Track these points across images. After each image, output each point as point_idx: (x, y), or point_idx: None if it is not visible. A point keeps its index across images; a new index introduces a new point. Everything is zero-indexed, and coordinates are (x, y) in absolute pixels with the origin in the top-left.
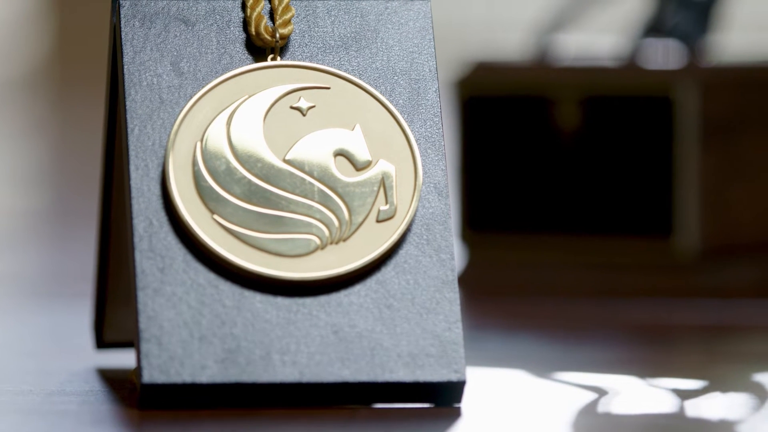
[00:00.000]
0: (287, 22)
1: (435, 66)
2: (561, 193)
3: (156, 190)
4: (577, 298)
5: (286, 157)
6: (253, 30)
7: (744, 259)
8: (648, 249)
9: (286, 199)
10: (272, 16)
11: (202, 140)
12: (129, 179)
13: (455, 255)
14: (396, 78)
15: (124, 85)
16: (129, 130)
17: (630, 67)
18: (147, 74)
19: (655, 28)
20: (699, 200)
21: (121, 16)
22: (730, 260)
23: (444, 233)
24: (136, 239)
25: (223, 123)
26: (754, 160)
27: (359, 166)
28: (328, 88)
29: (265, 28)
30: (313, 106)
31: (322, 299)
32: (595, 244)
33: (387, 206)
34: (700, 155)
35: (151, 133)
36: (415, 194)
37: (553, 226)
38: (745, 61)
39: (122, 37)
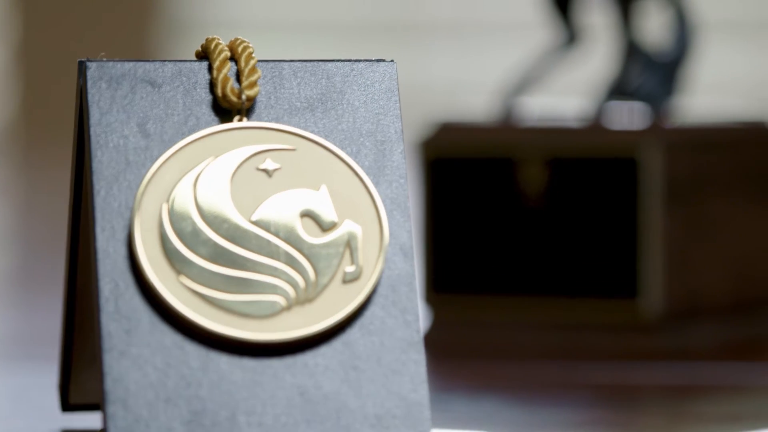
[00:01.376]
0: (253, 84)
1: (401, 127)
2: (526, 255)
3: (122, 251)
4: (542, 360)
5: (252, 218)
6: (219, 92)
7: (708, 320)
8: (612, 310)
9: (252, 260)
10: (238, 78)
11: (168, 201)
12: (95, 241)
13: (420, 316)
14: (362, 139)
15: (90, 147)
16: (95, 191)
17: (595, 128)
18: (113, 136)
19: (619, 89)
20: (663, 261)
21: (88, 77)
22: (693, 322)
23: (409, 294)
24: (102, 301)
25: (190, 184)
26: (717, 221)
27: (325, 227)
28: (294, 150)
29: (232, 89)
30: (279, 168)
31: (288, 360)
32: (559, 306)
33: (353, 267)
34: (664, 216)
35: (117, 194)
36: (381, 255)
37: (517, 288)
38: (707, 122)
39: (88, 98)
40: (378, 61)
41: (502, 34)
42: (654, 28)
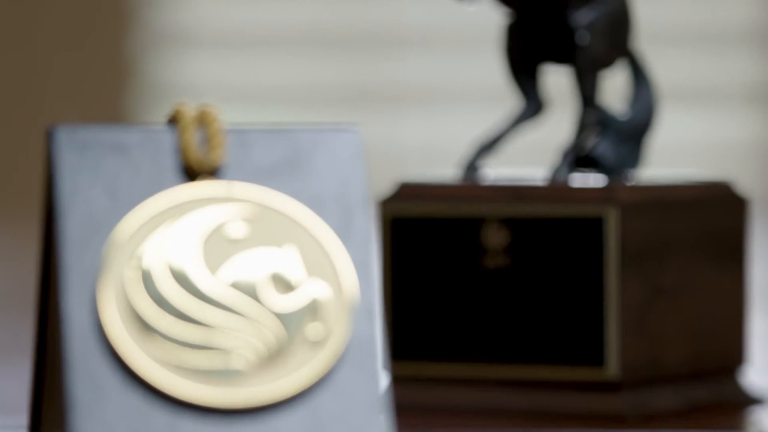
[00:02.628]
0: (220, 149)
1: (366, 192)
2: (486, 317)
3: (89, 314)
4: (504, 423)
5: (219, 279)
6: (186, 156)
7: (668, 385)
8: (571, 375)
9: (218, 321)
10: (206, 143)
11: (135, 263)
12: (62, 305)
13: (385, 378)
14: (328, 203)
15: (58, 212)
16: (62, 255)
17: (557, 188)
18: (81, 200)
19: (580, 155)
20: (622, 325)
21: (56, 144)
22: (653, 387)
23: (374, 356)
24: (69, 364)
25: (156, 245)
26: (679, 283)
27: (292, 288)
28: (261, 211)
29: (197, 155)
30: (245, 229)
31: (255, 422)
32: (520, 371)
33: (319, 328)
34: (624, 278)
35: (84, 258)
36: (347, 317)
37: (478, 350)
38: (669, 182)
39: (56, 164)
40: (344, 127)
41: (474, 102)
42: (618, 96)
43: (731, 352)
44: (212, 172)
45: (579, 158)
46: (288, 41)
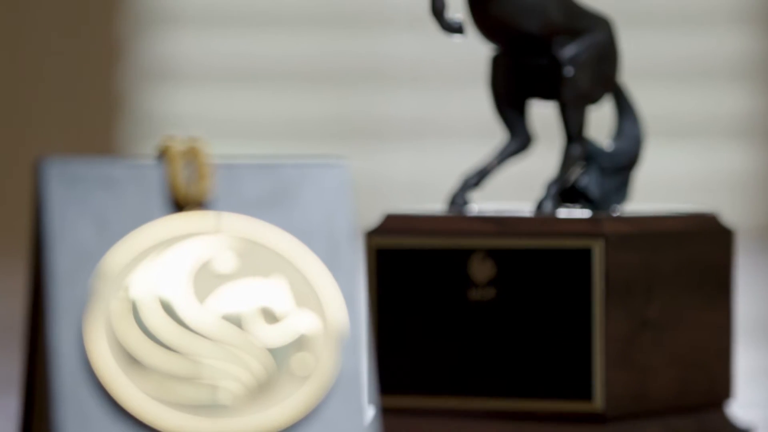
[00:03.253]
0: (208, 183)
1: (353, 225)
2: (472, 349)
3: (76, 347)
4: None
5: (208, 310)
6: (174, 191)
7: (653, 418)
8: (557, 407)
9: (207, 352)
10: (194, 176)
11: (122, 295)
12: (49, 337)
13: (372, 410)
14: (315, 236)
15: (46, 245)
16: (50, 288)
17: (542, 222)
18: (69, 234)
19: (565, 188)
20: (607, 358)
21: (44, 177)
22: (639, 420)
23: (361, 389)
24: (57, 397)
25: (144, 277)
26: (663, 317)
27: (280, 320)
28: (250, 244)
29: (187, 187)
30: (235, 261)
31: None
32: (506, 403)
33: (306, 361)
34: (609, 312)
35: (73, 290)
36: (334, 349)
37: (465, 382)
38: (655, 213)
39: (45, 197)
40: (331, 161)
41: (463, 136)
42: (604, 130)
43: (717, 386)
44: (200, 205)
45: (565, 191)
46: (278, 75)
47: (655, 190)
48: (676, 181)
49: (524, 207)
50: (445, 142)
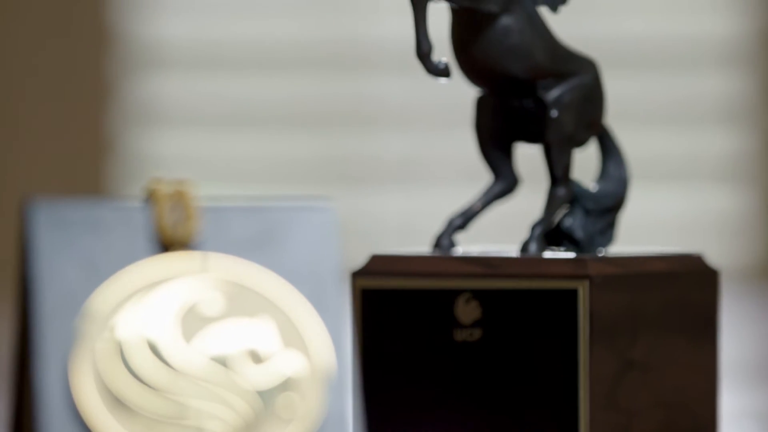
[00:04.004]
0: (195, 223)
1: (339, 266)
2: (458, 390)
3: (63, 388)
4: None
5: (195, 351)
6: (161, 231)
7: None
8: None
9: (194, 393)
10: (181, 218)
11: (108, 336)
12: (36, 379)
13: None
14: (301, 277)
15: (32, 287)
16: (36, 330)
17: (527, 263)
18: (56, 276)
19: (550, 229)
20: (592, 399)
21: (32, 221)
22: None
23: (348, 430)
24: None
25: (131, 318)
26: (648, 358)
27: (267, 361)
28: (236, 285)
29: (173, 229)
30: (222, 302)
31: None
32: None
33: (293, 402)
34: (594, 353)
35: (59, 331)
36: (321, 391)
37: (450, 423)
38: (636, 256)
39: (31, 239)
40: (318, 203)
41: (450, 179)
42: (590, 171)
43: (701, 428)
44: (186, 246)
45: (550, 233)
46: (265, 117)
47: (641, 232)
48: (662, 222)
49: (510, 248)
50: (432, 184)
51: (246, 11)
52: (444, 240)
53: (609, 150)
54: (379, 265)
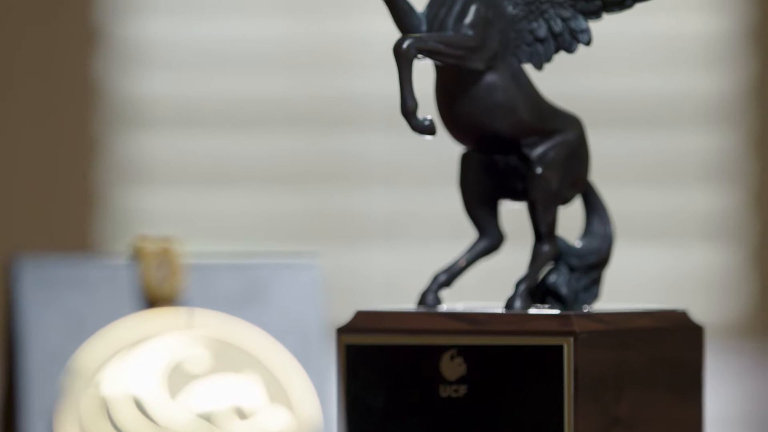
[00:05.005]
0: (181, 281)
1: (324, 322)
2: None
3: None
4: None
5: (180, 406)
6: (147, 289)
7: None
8: None
9: None
10: (167, 275)
11: (93, 391)
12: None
13: None
14: (287, 333)
15: (18, 344)
16: (22, 386)
17: (511, 319)
18: (41, 333)
19: (534, 286)
20: None
21: (18, 279)
22: None
23: None
24: None
25: (116, 374)
26: (633, 414)
27: (251, 417)
28: (222, 341)
29: (159, 286)
30: (207, 358)
31: None
32: None
33: None
34: (579, 410)
35: (45, 388)
36: None
37: None
38: (621, 312)
39: (17, 298)
40: (303, 260)
41: (437, 236)
42: (575, 230)
43: None
44: (172, 303)
45: (534, 290)
46: (252, 174)
47: (626, 288)
48: (646, 279)
49: (495, 305)
50: (418, 240)
51: (232, 68)
52: (429, 297)
53: (593, 207)
54: (364, 321)
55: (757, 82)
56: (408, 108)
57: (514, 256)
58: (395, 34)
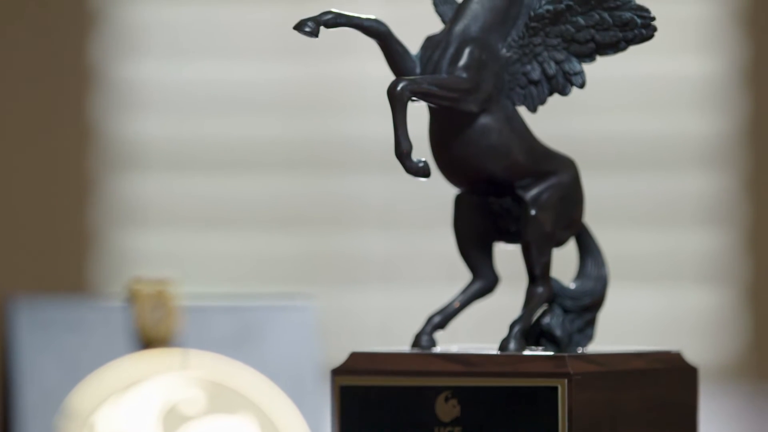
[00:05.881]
0: (176, 323)
1: (318, 364)
2: None
3: None
4: None
5: None
6: (142, 331)
7: None
8: None
9: None
10: (162, 317)
11: (87, 431)
12: None
13: None
14: (281, 374)
15: (13, 386)
16: (17, 427)
17: (505, 361)
18: (36, 374)
19: (528, 328)
20: None
21: (13, 321)
22: None
23: None
24: None
25: (109, 415)
26: None
27: None
28: (216, 383)
29: (155, 328)
30: (202, 399)
31: None
32: None
33: None
34: None
35: (39, 428)
36: None
37: None
38: (615, 354)
39: (12, 340)
40: (297, 302)
41: (433, 278)
42: (569, 272)
43: None
44: (167, 344)
45: (528, 331)
46: (248, 216)
47: (620, 330)
48: (640, 320)
49: (489, 347)
50: (413, 282)
51: (227, 110)
52: (423, 338)
53: (588, 248)
54: (358, 362)
55: (750, 123)
56: (402, 150)
57: (509, 298)
58: (389, 77)
